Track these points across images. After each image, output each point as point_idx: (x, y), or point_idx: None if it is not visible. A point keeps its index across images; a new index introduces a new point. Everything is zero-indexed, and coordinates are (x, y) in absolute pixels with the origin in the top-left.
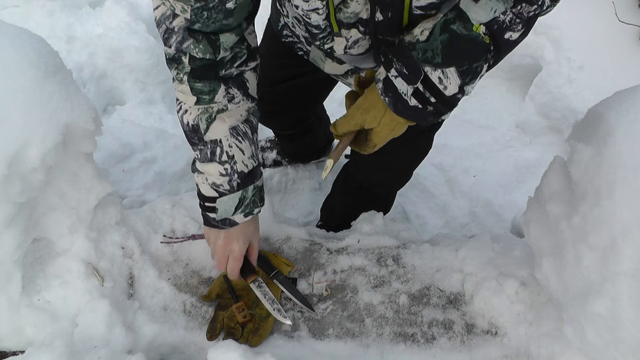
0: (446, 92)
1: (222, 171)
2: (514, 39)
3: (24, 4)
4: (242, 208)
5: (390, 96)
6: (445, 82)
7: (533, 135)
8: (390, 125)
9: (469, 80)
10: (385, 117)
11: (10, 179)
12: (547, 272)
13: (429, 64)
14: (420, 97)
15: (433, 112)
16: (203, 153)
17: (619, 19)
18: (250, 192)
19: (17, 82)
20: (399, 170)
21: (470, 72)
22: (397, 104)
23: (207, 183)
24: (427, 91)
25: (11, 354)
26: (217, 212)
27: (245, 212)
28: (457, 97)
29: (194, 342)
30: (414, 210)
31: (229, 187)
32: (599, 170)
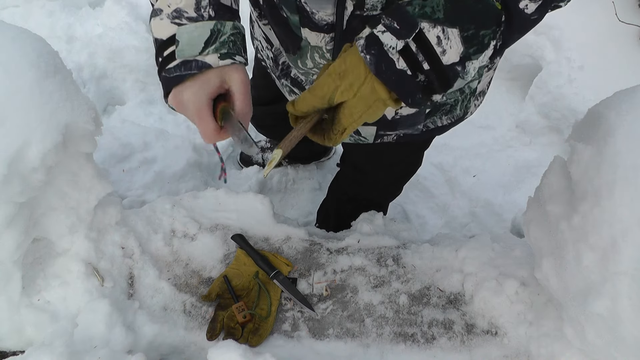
0: (444, 58)
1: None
2: (530, 11)
3: (24, 4)
4: (217, 45)
5: (373, 54)
6: (444, 43)
7: (533, 135)
8: (367, 100)
9: (473, 52)
10: (365, 87)
11: (10, 179)
12: (547, 272)
13: (427, 19)
14: (411, 59)
15: (423, 86)
16: None
17: (619, 19)
18: (228, 29)
19: (17, 82)
20: (387, 188)
21: (475, 40)
22: (380, 63)
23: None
24: (421, 53)
25: (11, 354)
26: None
27: (222, 53)
28: (455, 70)
29: (194, 342)
30: (414, 210)
31: (195, 16)
32: (599, 170)
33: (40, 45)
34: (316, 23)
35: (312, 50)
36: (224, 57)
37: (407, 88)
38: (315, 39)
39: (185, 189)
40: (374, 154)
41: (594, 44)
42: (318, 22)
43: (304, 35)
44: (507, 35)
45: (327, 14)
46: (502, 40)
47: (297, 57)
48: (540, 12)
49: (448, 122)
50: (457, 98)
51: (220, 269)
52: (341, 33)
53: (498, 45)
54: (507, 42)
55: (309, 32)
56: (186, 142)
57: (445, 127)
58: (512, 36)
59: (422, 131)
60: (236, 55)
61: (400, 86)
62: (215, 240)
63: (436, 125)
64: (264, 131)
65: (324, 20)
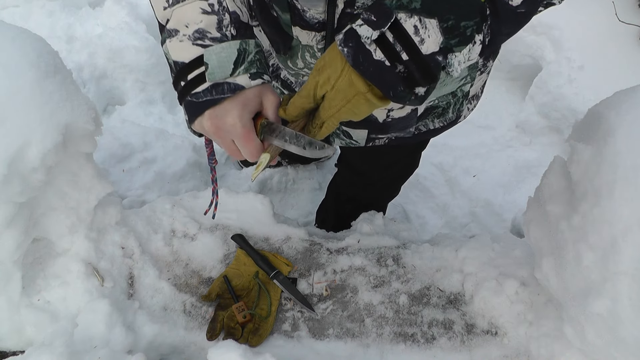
0: (422, 48)
1: (207, 7)
2: (515, 4)
3: (24, 4)
4: (246, 65)
5: (350, 46)
6: (422, 33)
7: (533, 135)
8: (346, 93)
9: (455, 43)
10: (342, 80)
11: (10, 179)
12: (547, 272)
13: (404, 9)
14: (388, 49)
15: (404, 77)
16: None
17: (619, 19)
18: (252, 47)
19: (17, 82)
20: (384, 188)
21: (456, 31)
22: (357, 55)
23: (188, 37)
24: (398, 43)
25: (11, 354)
26: (207, 71)
27: (252, 73)
28: (436, 60)
29: (194, 342)
30: (414, 210)
31: (219, 35)
32: (599, 170)
33: (40, 45)
34: (307, 21)
35: (303, 49)
36: (254, 77)
37: (386, 79)
38: (306, 37)
39: (185, 189)
40: (370, 155)
41: (594, 44)
42: (309, 20)
43: (295, 34)
44: (495, 29)
45: (319, 12)
46: (490, 35)
47: (288, 57)
48: (528, 6)
49: (440, 125)
50: (449, 101)
51: (220, 269)
52: (332, 31)
53: (487, 41)
54: (497, 36)
55: (300, 30)
56: (186, 142)
57: (437, 130)
58: (500, 30)
59: (414, 134)
60: (264, 75)
61: (378, 77)
62: (215, 240)
63: (428, 128)
64: None
65: (315, 18)
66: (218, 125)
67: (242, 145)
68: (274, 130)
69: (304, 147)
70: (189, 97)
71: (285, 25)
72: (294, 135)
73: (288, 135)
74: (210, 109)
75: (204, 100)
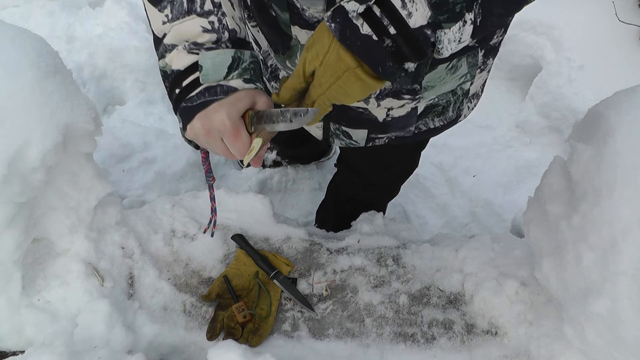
0: (410, 21)
1: (207, 25)
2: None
3: (24, 4)
4: (240, 71)
5: (337, 21)
6: (409, 6)
7: (533, 135)
8: (335, 69)
9: (444, 19)
10: (330, 55)
11: (10, 179)
12: (547, 272)
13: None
14: (375, 23)
15: (392, 51)
16: (176, 5)
17: (619, 19)
18: (247, 57)
19: (17, 82)
20: (384, 188)
21: (445, 7)
22: (344, 30)
23: (184, 47)
24: (385, 16)
25: (11, 354)
26: (201, 73)
27: (246, 78)
28: (425, 34)
29: (194, 342)
30: (414, 210)
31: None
32: (599, 170)
33: (40, 45)
34: (307, 20)
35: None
36: (248, 81)
37: (374, 54)
38: (305, 37)
39: (185, 189)
40: (370, 155)
41: (594, 44)
42: (309, 19)
43: (294, 34)
44: (487, 8)
45: (318, 11)
46: (481, 15)
47: (287, 57)
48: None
49: (440, 124)
50: (449, 99)
51: (220, 269)
52: None
53: (478, 21)
54: (488, 17)
55: (299, 30)
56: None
57: (437, 129)
58: (492, 10)
59: (414, 133)
60: (257, 82)
61: (366, 51)
62: (215, 240)
63: (428, 127)
64: None
65: (315, 17)
66: (207, 125)
67: (231, 143)
68: (262, 116)
69: (290, 120)
70: (184, 103)
71: (284, 25)
72: (279, 112)
73: (274, 115)
74: (202, 111)
75: (197, 103)
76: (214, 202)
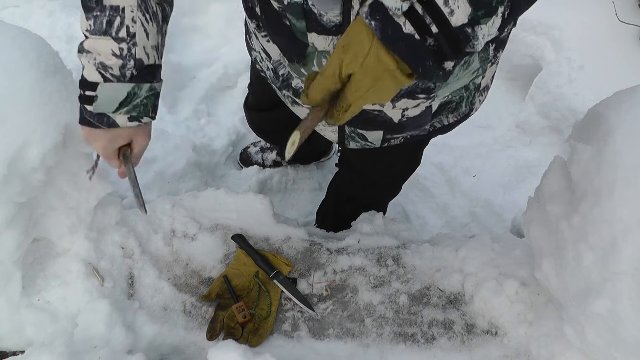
0: (452, 20)
1: (117, 51)
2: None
3: (24, 4)
4: (129, 107)
5: (378, 19)
6: (451, 3)
7: (533, 135)
8: (375, 71)
9: (482, 15)
10: (370, 57)
11: (10, 179)
12: (547, 272)
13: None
14: (418, 21)
15: (434, 50)
16: (98, 22)
17: (619, 19)
18: (144, 92)
19: (17, 82)
20: (385, 187)
21: (482, 2)
22: (386, 29)
23: (94, 63)
24: (428, 14)
25: (11, 354)
26: (95, 102)
27: (132, 115)
28: (466, 33)
29: (194, 342)
30: (414, 210)
31: (119, 74)
32: (599, 170)
33: (40, 45)
34: (324, 25)
35: (319, 55)
36: (132, 119)
37: (416, 53)
38: (322, 43)
39: (185, 189)
40: (371, 154)
41: (594, 44)
42: (326, 24)
43: (310, 41)
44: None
45: (335, 15)
46: (510, 8)
47: (302, 65)
48: None
49: (454, 119)
50: (462, 95)
51: (220, 269)
52: None
53: (506, 14)
54: (514, 10)
55: (316, 36)
56: (186, 142)
57: (451, 125)
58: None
59: (429, 131)
60: (143, 117)
61: (408, 52)
62: (215, 240)
63: (442, 124)
64: (263, 135)
65: (332, 21)
66: (90, 140)
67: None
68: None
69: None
70: (80, 103)
71: (300, 33)
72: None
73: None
74: (89, 128)
75: (87, 118)
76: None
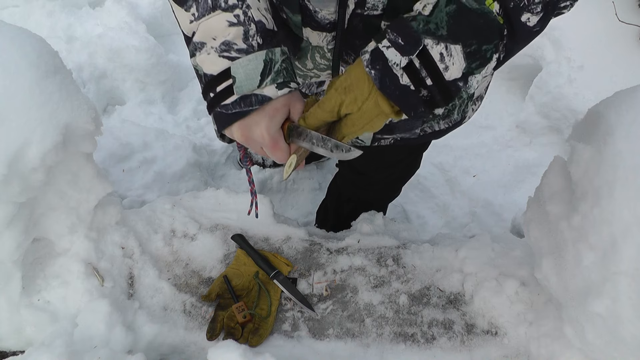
0: (446, 75)
1: (233, 19)
2: (532, 24)
3: (24, 4)
4: (273, 75)
5: (377, 69)
6: (447, 60)
7: (533, 135)
8: (370, 114)
9: (475, 67)
10: (369, 102)
11: (10, 179)
12: (547, 272)
13: (431, 35)
14: (414, 75)
15: (426, 100)
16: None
17: (619, 19)
18: (278, 56)
19: (17, 82)
20: (385, 189)
21: (478, 55)
22: (384, 79)
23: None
24: (424, 69)
25: (11, 354)
26: (235, 84)
27: (279, 83)
28: (457, 86)
29: (194, 342)
30: (414, 210)
31: (245, 47)
32: (599, 170)
33: (40, 45)
34: (318, 22)
35: (313, 50)
36: (281, 86)
37: (409, 103)
38: (316, 38)
39: (185, 189)
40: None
41: (594, 44)
42: (320, 20)
43: (305, 36)
44: (510, 47)
45: (330, 12)
46: (504, 52)
47: (296, 58)
48: (542, 24)
49: (445, 126)
50: (455, 103)
51: (220, 269)
52: (342, 32)
53: (501, 57)
54: (510, 53)
55: (310, 31)
56: (186, 142)
57: (442, 131)
58: (514, 47)
59: (419, 135)
60: (291, 82)
61: (402, 100)
62: (215, 240)
63: (433, 129)
64: None
65: (327, 19)
66: (248, 135)
67: (270, 152)
68: (301, 133)
69: (330, 149)
70: (218, 109)
71: (296, 27)
72: (320, 138)
73: (315, 138)
74: (240, 121)
75: (233, 112)
76: (253, 185)
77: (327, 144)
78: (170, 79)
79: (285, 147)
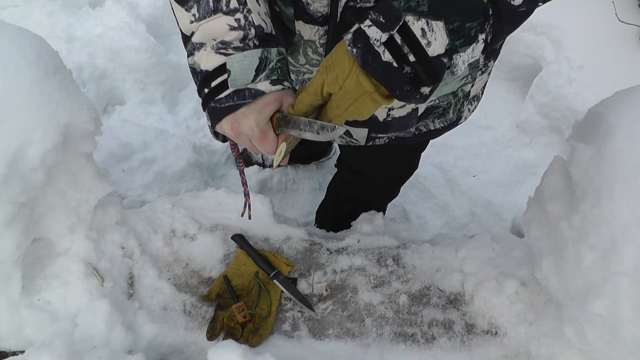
0: (429, 50)
1: (234, 23)
2: (517, 3)
3: (24, 4)
4: (267, 72)
5: (359, 47)
6: (429, 35)
7: (533, 135)
8: (353, 93)
9: (460, 44)
10: (350, 80)
11: (10, 179)
12: (547, 272)
13: (411, 12)
14: (396, 51)
15: (410, 78)
16: (202, 5)
17: (619, 19)
18: (274, 55)
19: (17, 82)
20: (383, 189)
21: (461, 32)
22: (366, 56)
23: (212, 47)
24: (406, 45)
25: (11, 354)
26: (230, 77)
27: (273, 79)
28: (442, 62)
29: (194, 342)
30: (414, 210)
31: (242, 46)
32: (599, 170)
33: (40, 45)
34: (311, 14)
35: (305, 45)
36: (275, 82)
37: (393, 79)
38: (309, 32)
39: (185, 189)
40: (370, 156)
41: (594, 44)
42: (313, 13)
43: (297, 29)
44: (497, 27)
45: (322, 5)
46: (492, 33)
47: (289, 53)
48: (529, 4)
49: (441, 125)
50: (450, 101)
51: (220, 269)
52: (335, 26)
53: (489, 39)
54: (498, 35)
55: (303, 25)
56: (186, 142)
57: (438, 130)
58: (502, 29)
59: (414, 134)
60: (284, 81)
61: (386, 77)
62: (215, 240)
63: (429, 128)
64: None
65: (319, 11)
66: (236, 129)
67: (259, 145)
68: (289, 121)
69: (317, 132)
70: (213, 103)
71: (288, 20)
72: (307, 122)
73: (302, 123)
74: (230, 114)
75: (225, 106)
76: (246, 187)
77: (313, 127)
78: (170, 79)
79: (274, 138)
